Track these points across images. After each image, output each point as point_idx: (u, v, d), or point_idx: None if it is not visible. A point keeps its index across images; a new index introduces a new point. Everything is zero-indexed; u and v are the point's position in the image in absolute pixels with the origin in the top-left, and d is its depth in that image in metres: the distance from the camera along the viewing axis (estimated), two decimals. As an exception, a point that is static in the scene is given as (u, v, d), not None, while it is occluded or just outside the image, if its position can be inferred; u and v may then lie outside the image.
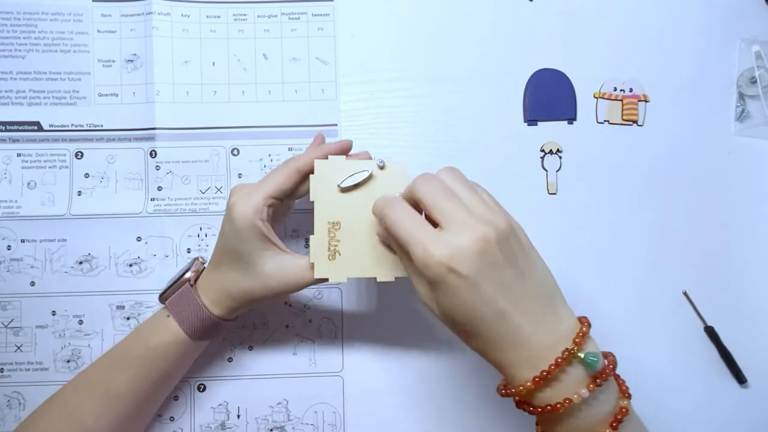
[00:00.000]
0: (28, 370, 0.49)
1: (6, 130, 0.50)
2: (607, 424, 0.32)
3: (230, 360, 0.50)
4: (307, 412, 0.50)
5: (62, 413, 0.42)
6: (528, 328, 0.33)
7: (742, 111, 0.52)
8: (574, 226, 0.51)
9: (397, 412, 0.50)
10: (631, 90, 0.52)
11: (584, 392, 0.32)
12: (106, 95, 0.51)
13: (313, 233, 0.41)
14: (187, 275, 0.44)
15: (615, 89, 0.52)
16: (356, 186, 0.42)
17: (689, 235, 0.51)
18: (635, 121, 0.52)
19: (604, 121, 0.52)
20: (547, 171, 0.52)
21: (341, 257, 0.41)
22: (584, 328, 0.34)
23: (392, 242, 0.38)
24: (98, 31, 0.51)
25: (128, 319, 0.50)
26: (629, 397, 0.34)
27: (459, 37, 0.53)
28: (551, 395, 0.33)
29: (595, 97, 0.52)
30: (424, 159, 0.51)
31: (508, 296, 0.33)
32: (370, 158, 0.44)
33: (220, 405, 0.49)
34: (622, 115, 0.52)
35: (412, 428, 0.50)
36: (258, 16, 0.52)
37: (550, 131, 0.52)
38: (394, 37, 0.53)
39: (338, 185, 0.41)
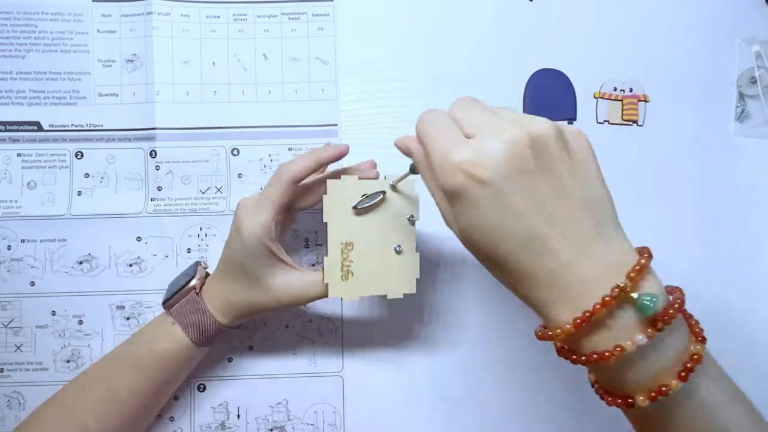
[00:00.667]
0: (28, 370, 0.49)
1: (6, 130, 0.50)
2: (675, 373, 0.26)
3: (230, 360, 0.50)
4: (307, 412, 0.50)
5: (63, 414, 0.43)
6: (567, 255, 0.27)
7: (742, 111, 0.52)
8: (574, 226, 0.51)
9: (397, 412, 0.50)
10: (631, 90, 0.52)
11: (640, 338, 0.26)
12: (106, 95, 0.51)
13: (326, 253, 0.41)
14: (193, 283, 0.44)
15: (615, 89, 0.52)
16: (370, 208, 0.42)
17: (689, 234, 0.51)
18: (635, 121, 0.52)
19: (604, 121, 0.52)
20: (547, 171, 0.52)
21: (354, 278, 0.41)
22: (642, 261, 0.27)
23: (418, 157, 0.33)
24: (98, 31, 0.51)
25: (128, 319, 0.50)
26: (703, 340, 0.28)
27: (459, 37, 0.53)
28: (598, 340, 0.27)
29: (595, 97, 0.52)
30: (424, 159, 0.51)
31: (541, 211, 0.27)
32: (376, 168, 0.44)
33: (220, 405, 0.49)
34: (622, 115, 0.52)
35: (412, 428, 0.50)
36: (258, 16, 0.52)
37: (550, 131, 0.52)
38: (394, 37, 0.53)
39: (353, 207, 0.41)
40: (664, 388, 0.26)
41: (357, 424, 0.49)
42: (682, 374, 0.26)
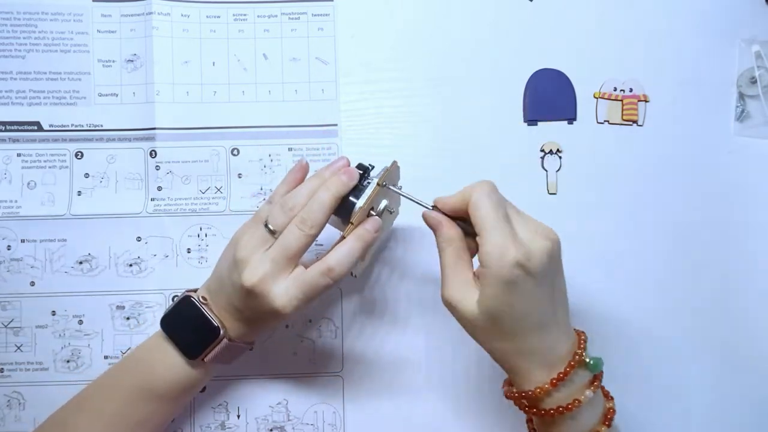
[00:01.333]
0: (28, 370, 0.49)
1: (6, 130, 0.50)
2: (601, 423, 0.36)
3: (230, 360, 0.50)
4: (307, 412, 0.50)
5: None
6: (556, 333, 0.36)
7: (742, 111, 0.52)
8: (574, 226, 0.51)
9: (397, 412, 0.50)
10: (631, 90, 0.52)
11: (589, 393, 0.35)
12: (106, 95, 0.51)
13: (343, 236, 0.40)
14: (222, 332, 0.40)
15: (615, 89, 0.52)
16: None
17: (689, 234, 0.51)
18: (635, 121, 0.52)
19: (604, 121, 0.52)
20: (547, 171, 0.52)
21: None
22: (583, 336, 0.37)
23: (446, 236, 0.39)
24: (98, 31, 0.51)
25: (128, 319, 0.50)
26: (612, 398, 0.38)
27: (459, 37, 0.53)
28: (560, 398, 0.35)
29: (595, 97, 0.52)
30: (424, 159, 0.51)
31: (555, 300, 0.36)
32: (348, 165, 0.42)
33: (220, 405, 0.49)
34: (622, 115, 0.52)
35: (412, 428, 0.50)
36: (258, 16, 0.52)
37: (550, 131, 0.52)
38: (394, 37, 0.53)
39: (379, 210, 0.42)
40: None
41: (357, 424, 0.49)
42: (606, 423, 0.36)
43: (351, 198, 0.41)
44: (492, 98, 0.52)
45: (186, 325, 0.42)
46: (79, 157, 0.51)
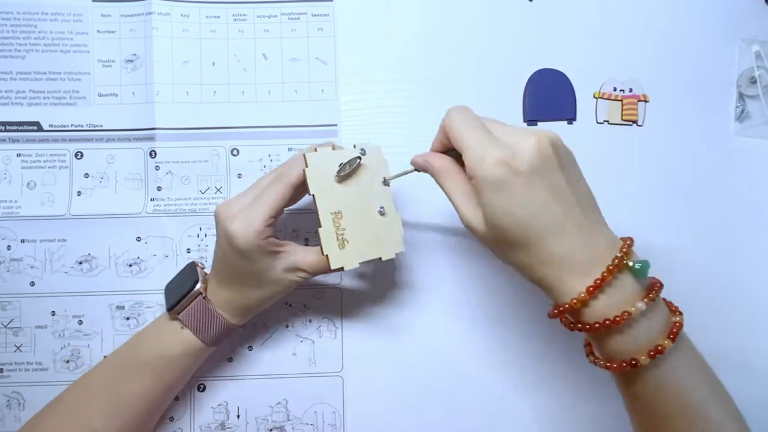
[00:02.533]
0: (28, 370, 0.49)
1: (6, 130, 0.50)
2: (664, 335, 0.32)
3: (230, 360, 0.50)
4: (307, 412, 0.50)
5: (69, 417, 0.42)
6: (578, 236, 0.33)
7: (742, 111, 0.52)
8: (574, 226, 0.51)
9: (397, 412, 0.50)
10: (631, 90, 0.52)
11: (641, 305, 0.32)
12: (106, 95, 0.51)
13: (319, 227, 0.41)
14: (199, 286, 0.44)
15: (615, 89, 0.52)
16: (350, 174, 0.42)
17: (689, 235, 0.51)
18: (635, 121, 0.52)
19: (604, 121, 0.52)
20: (547, 171, 0.52)
21: (350, 244, 0.42)
22: (629, 241, 0.34)
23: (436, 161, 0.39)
24: (98, 31, 0.51)
25: (128, 319, 0.50)
26: (680, 313, 0.34)
27: (459, 37, 0.53)
28: (606, 308, 0.32)
29: (594, 97, 0.52)
30: (424, 159, 0.51)
31: (561, 199, 0.33)
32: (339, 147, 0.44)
33: (220, 405, 0.49)
34: (622, 115, 0.52)
35: (412, 428, 0.50)
36: (258, 17, 0.52)
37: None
38: (394, 37, 0.53)
39: (336, 175, 0.42)
40: (659, 347, 0.32)
41: (357, 424, 0.49)
42: (671, 336, 0.32)
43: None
44: (492, 98, 0.52)
45: (178, 283, 0.45)
46: (78, 157, 0.51)
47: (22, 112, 0.50)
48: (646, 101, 0.52)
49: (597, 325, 0.32)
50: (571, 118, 0.52)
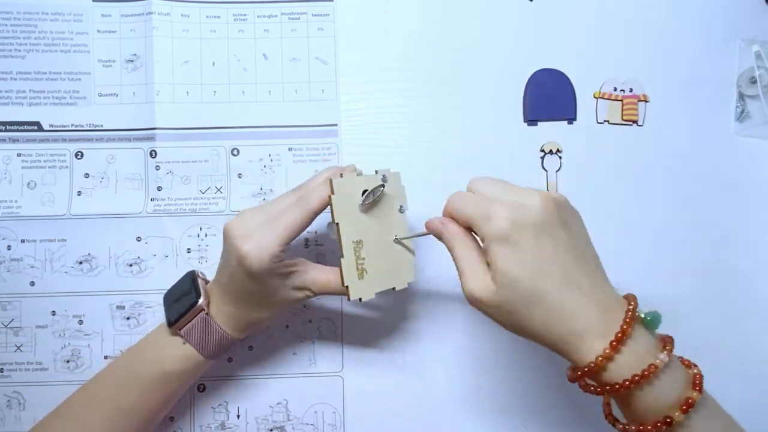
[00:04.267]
0: (28, 370, 0.49)
1: (6, 130, 0.50)
2: (689, 387, 0.31)
3: (230, 360, 0.50)
4: (307, 412, 0.50)
5: (72, 427, 0.42)
6: (590, 289, 0.33)
7: (742, 111, 0.52)
8: (574, 226, 0.51)
9: (397, 412, 0.50)
10: (631, 90, 0.52)
11: (663, 356, 0.31)
12: (106, 95, 0.51)
13: (341, 256, 0.40)
14: (201, 302, 0.42)
15: (615, 89, 0.52)
16: (373, 203, 0.42)
17: (689, 234, 0.51)
18: (635, 121, 0.52)
19: (604, 121, 0.52)
20: (547, 171, 0.52)
21: (368, 275, 0.41)
22: (633, 297, 0.34)
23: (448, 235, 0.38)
24: (98, 31, 0.51)
25: (128, 319, 0.50)
26: (695, 365, 0.33)
27: (459, 37, 0.53)
28: (629, 364, 0.31)
29: (595, 97, 0.52)
30: (424, 159, 0.51)
31: (568, 252, 0.33)
32: (359, 171, 0.44)
33: (220, 405, 0.49)
34: (622, 115, 0.52)
35: (412, 428, 0.50)
36: (258, 16, 0.52)
37: (550, 131, 0.52)
38: (394, 37, 0.53)
39: (360, 204, 0.41)
40: (690, 400, 0.30)
41: (357, 424, 0.50)
42: (696, 387, 0.31)
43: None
44: (492, 98, 0.52)
45: (178, 296, 0.44)
46: (79, 157, 0.51)
47: (22, 112, 0.50)
48: (646, 101, 0.52)
49: (626, 383, 0.31)
50: (571, 118, 0.52)
